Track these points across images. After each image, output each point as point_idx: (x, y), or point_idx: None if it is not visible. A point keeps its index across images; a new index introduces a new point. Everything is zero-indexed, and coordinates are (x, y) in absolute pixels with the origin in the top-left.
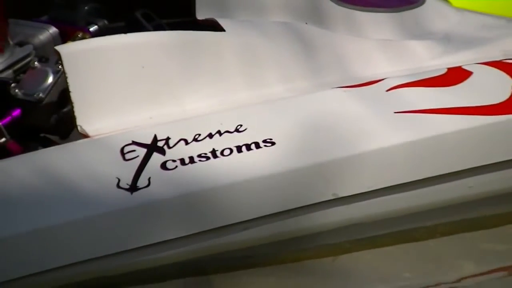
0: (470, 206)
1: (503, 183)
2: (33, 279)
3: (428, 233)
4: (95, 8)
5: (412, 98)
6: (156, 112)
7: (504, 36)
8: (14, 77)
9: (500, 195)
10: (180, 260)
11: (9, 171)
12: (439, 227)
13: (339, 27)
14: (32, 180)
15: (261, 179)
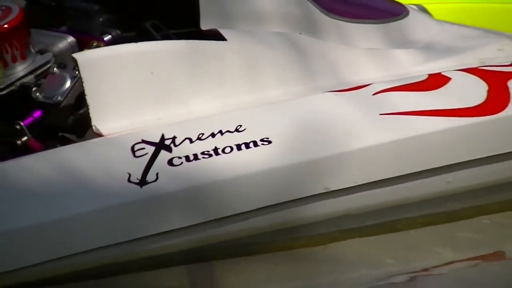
0: (448, 199)
1: (478, 179)
2: (53, 264)
3: (409, 224)
4: (108, 19)
5: (396, 101)
6: (163, 114)
7: (480, 45)
8: (35, 81)
9: (475, 189)
10: (184, 248)
11: (31, 167)
12: (418, 218)
13: (331, 37)
14: (51, 174)
15: (259, 174)
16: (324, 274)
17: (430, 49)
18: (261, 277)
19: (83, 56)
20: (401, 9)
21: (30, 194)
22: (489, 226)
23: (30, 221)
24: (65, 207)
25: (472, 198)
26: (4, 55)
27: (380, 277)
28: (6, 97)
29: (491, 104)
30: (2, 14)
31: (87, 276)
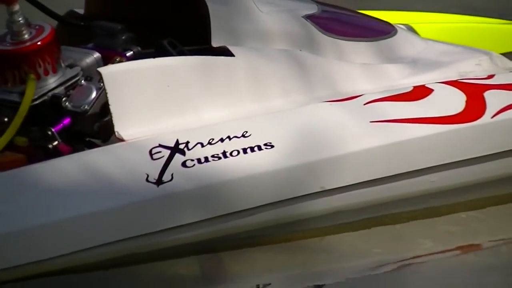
0: (431, 196)
1: (458, 179)
2: (79, 255)
3: (395, 219)
4: (130, 37)
5: (385, 110)
6: (178, 121)
7: (460, 61)
8: (65, 92)
9: (456, 188)
10: (195, 241)
11: (61, 168)
12: (404, 214)
13: (328, 53)
14: (79, 174)
15: (262, 175)
16: (319, 264)
17: (416, 64)
18: (263, 266)
19: (107, 70)
20: (390, 28)
21: (60, 192)
22: (465, 220)
23: (61, 215)
24: (90, 204)
25: (453, 196)
26: (37, 68)
27: (370, 266)
28: (39, 106)
29: (469, 112)
30: (36, 33)
31: (110, 265)
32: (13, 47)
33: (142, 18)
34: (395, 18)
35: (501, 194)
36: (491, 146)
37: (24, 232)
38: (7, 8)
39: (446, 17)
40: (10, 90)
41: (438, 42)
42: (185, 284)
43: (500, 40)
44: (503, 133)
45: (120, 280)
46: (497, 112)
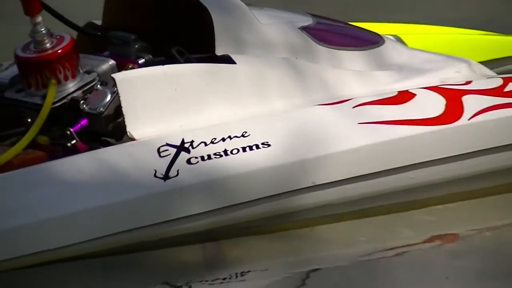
0: (411, 191)
1: (436, 175)
2: (91, 243)
3: (378, 211)
4: (143, 46)
5: (371, 112)
6: (184, 122)
7: (441, 68)
8: (82, 96)
9: (434, 184)
10: (198, 230)
11: (78, 164)
12: (385, 206)
13: (322, 61)
14: (94, 170)
15: (260, 171)
16: (310, 251)
17: (402, 71)
18: (259, 252)
19: (120, 76)
20: (379, 38)
21: (78, 186)
22: (441, 211)
23: (78, 207)
24: (104, 196)
25: (430, 190)
26: (58, 74)
27: (356, 254)
28: (59, 108)
29: (447, 115)
30: (57, 42)
31: (122, 252)
32: (36, 54)
33: (153, 29)
34: (384, 30)
35: (474, 189)
36: (467, 146)
37: (45, 222)
38: (30, 19)
39: (430, 29)
40: (33, 93)
41: (422, 51)
42: (188, 268)
43: (479, 49)
44: (478, 134)
45: (130, 265)
46: (474, 114)
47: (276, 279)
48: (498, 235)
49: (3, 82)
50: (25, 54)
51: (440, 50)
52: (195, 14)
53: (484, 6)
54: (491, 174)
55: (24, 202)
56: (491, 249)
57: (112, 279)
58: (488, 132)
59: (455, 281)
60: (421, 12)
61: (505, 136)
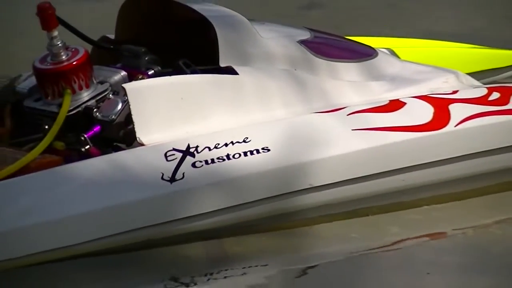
0: (402, 193)
1: (425, 178)
2: (101, 241)
3: (369, 210)
4: (152, 58)
5: (364, 119)
6: (189, 129)
7: (430, 79)
8: (96, 104)
9: (423, 186)
10: (202, 229)
11: (91, 167)
12: (376, 206)
13: (319, 72)
14: (106, 173)
15: (260, 174)
16: (308, 249)
17: (394, 81)
18: (260, 249)
19: (130, 86)
20: (372, 51)
21: (91, 187)
22: (428, 210)
23: (90, 207)
24: (115, 197)
25: (419, 192)
26: (73, 84)
27: (349, 250)
28: (74, 116)
29: (435, 122)
30: (72, 54)
31: (130, 249)
32: (53, 66)
33: (162, 43)
34: (379, 43)
35: (459, 191)
36: (454, 151)
37: (60, 220)
38: (47, 34)
39: (421, 42)
40: (50, 102)
41: (413, 63)
42: (192, 263)
43: (466, 61)
44: (464, 140)
45: (139, 262)
46: (460, 121)
47: (276, 274)
48: (480, 233)
49: (23, 92)
50: (43, 66)
51: (430, 62)
52: (201, 29)
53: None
54: (475, 177)
55: (41, 202)
56: (474, 246)
57: (122, 274)
58: (473, 138)
59: (435, 276)
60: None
61: (489, 142)
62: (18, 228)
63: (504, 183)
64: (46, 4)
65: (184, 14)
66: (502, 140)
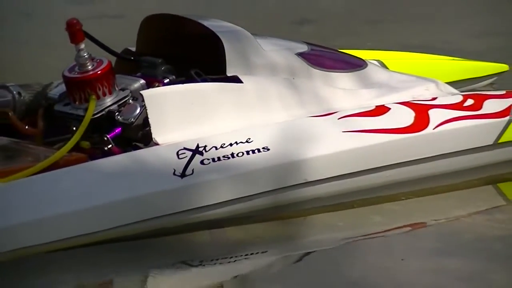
0: (386, 187)
1: (406, 174)
2: (121, 229)
3: (354, 202)
4: (168, 68)
5: (353, 123)
6: (199, 130)
7: (413, 87)
8: (117, 109)
9: (405, 181)
10: (208, 218)
11: (113, 164)
12: (363, 199)
13: (314, 81)
14: (125, 169)
15: (260, 170)
16: (302, 237)
17: (381, 89)
18: (260, 236)
19: (147, 92)
20: (362, 62)
21: (112, 181)
22: (406, 202)
23: (111, 198)
24: (132, 190)
25: (400, 186)
26: (97, 91)
27: (338, 238)
28: (98, 119)
29: (416, 125)
30: (97, 65)
31: (145, 236)
32: (80, 75)
33: (176, 54)
34: (371, 56)
35: (436, 186)
36: (432, 150)
37: (84, 210)
38: (75, 46)
39: (407, 55)
40: (77, 107)
41: (398, 73)
42: (200, 249)
43: (445, 71)
44: (441, 141)
45: (153, 247)
46: (438, 125)
47: (274, 259)
48: (453, 222)
49: (54, 98)
50: (71, 74)
51: (415, 72)
52: (211, 42)
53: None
54: (451, 174)
55: (68, 194)
56: (447, 233)
57: (140, 258)
58: (449, 139)
59: (412, 259)
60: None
61: (463, 143)
62: (48, 217)
63: (475, 180)
64: (74, 20)
65: (196, 29)
66: (475, 141)
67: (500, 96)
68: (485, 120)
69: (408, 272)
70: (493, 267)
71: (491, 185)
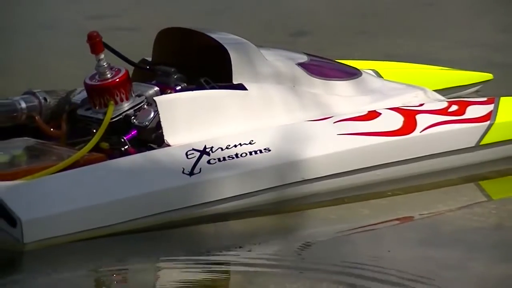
0: (376, 185)
1: (395, 173)
2: (135, 221)
3: (345, 197)
4: (180, 76)
5: (348, 126)
6: (206, 133)
7: (402, 94)
8: (133, 113)
9: (393, 179)
10: (214, 213)
11: (129, 163)
12: (350, 197)
13: (313, 89)
14: (140, 167)
15: (262, 169)
16: (300, 229)
17: (374, 96)
18: (261, 228)
19: (160, 98)
20: (357, 71)
21: (128, 178)
22: (393, 198)
23: (127, 193)
24: (146, 186)
25: (389, 184)
26: (115, 97)
27: (331, 230)
28: (116, 122)
29: (404, 128)
30: (115, 73)
31: (157, 228)
32: (100, 83)
33: (188, 64)
34: (367, 66)
35: (421, 183)
36: (419, 151)
37: (102, 205)
38: (95, 57)
39: (400, 65)
40: (97, 111)
41: (390, 81)
42: (207, 240)
43: (434, 80)
44: (427, 143)
45: (164, 238)
46: (424, 128)
47: (275, 250)
48: (435, 216)
49: (76, 103)
50: (92, 82)
51: (406, 81)
52: (219, 53)
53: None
54: (436, 173)
55: (88, 190)
56: (429, 225)
57: (150, 249)
58: (435, 142)
59: (399, 249)
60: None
61: (448, 145)
62: (70, 211)
63: (457, 179)
64: (94, 33)
65: (205, 41)
66: (458, 143)
67: (482, 103)
68: (468, 124)
69: (395, 261)
70: (472, 255)
71: (473, 182)
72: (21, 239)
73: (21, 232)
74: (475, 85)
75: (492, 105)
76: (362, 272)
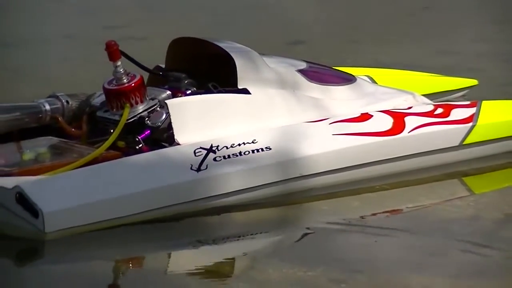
0: (366, 180)
1: (385, 169)
2: (147, 213)
3: (339, 194)
4: (190, 82)
5: (342, 127)
6: (213, 133)
7: (393, 98)
8: (147, 115)
9: (383, 175)
10: (219, 205)
11: (143, 160)
12: (346, 191)
13: (312, 93)
14: (153, 164)
15: (263, 166)
16: (301, 220)
17: (367, 100)
18: (263, 220)
19: (171, 101)
20: (352, 77)
21: (142, 174)
22: (381, 192)
23: (141, 187)
24: (157, 181)
25: (379, 179)
26: (131, 100)
27: (324, 221)
28: (131, 123)
29: (394, 129)
30: (131, 78)
31: (167, 219)
32: (117, 87)
33: (197, 70)
34: (362, 72)
35: (408, 179)
36: (407, 150)
37: (119, 197)
38: (113, 64)
39: (392, 71)
40: (114, 113)
41: (382, 86)
42: (211, 230)
43: (424, 85)
44: (415, 142)
45: (172, 228)
46: (412, 129)
47: (275, 239)
48: (419, 208)
49: (96, 105)
50: (109, 86)
51: (397, 86)
52: (225, 60)
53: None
54: (422, 170)
55: (105, 184)
56: (414, 216)
57: (162, 237)
58: (422, 141)
59: (386, 237)
60: (363, 60)
61: (433, 144)
62: (89, 203)
63: (441, 175)
64: (112, 42)
65: (213, 50)
66: (443, 143)
67: (465, 106)
68: (452, 125)
69: (383, 249)
70: (451, 243)
71: (455, 178)
72: (42, 229)
73: (42, 223)
74: (461, 90)
75: (474, 108)
76: (353, 259)
